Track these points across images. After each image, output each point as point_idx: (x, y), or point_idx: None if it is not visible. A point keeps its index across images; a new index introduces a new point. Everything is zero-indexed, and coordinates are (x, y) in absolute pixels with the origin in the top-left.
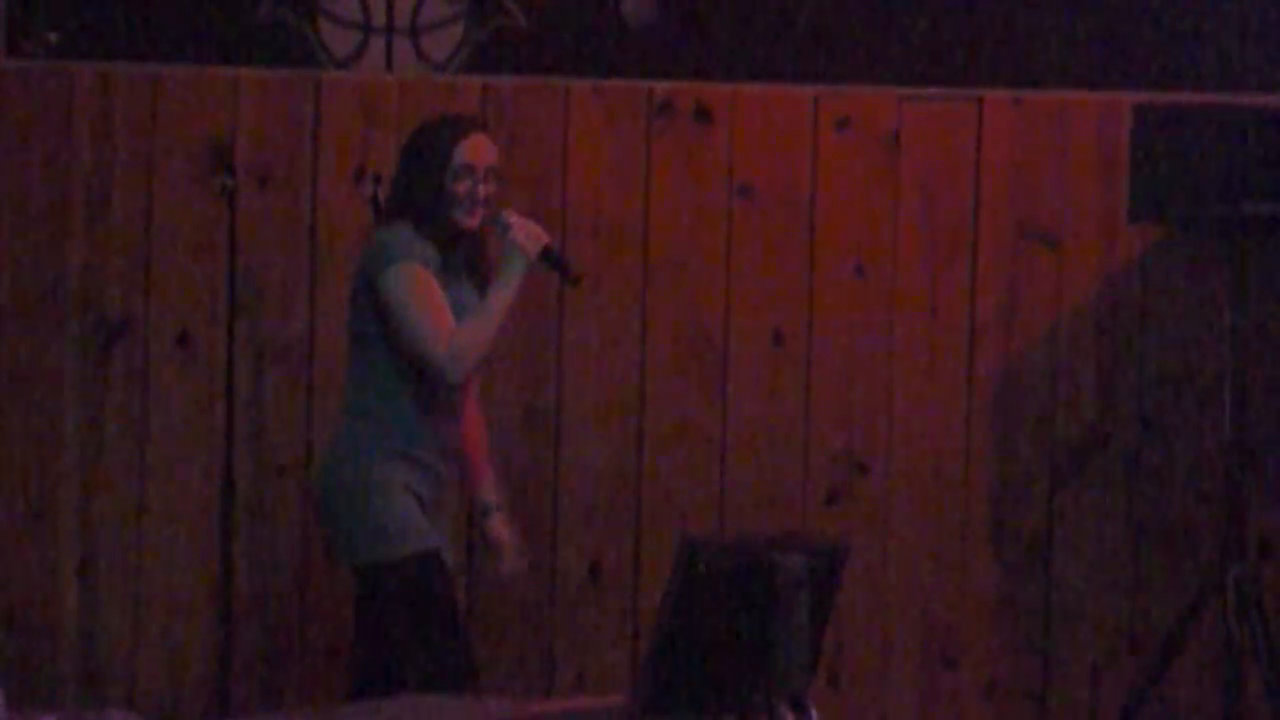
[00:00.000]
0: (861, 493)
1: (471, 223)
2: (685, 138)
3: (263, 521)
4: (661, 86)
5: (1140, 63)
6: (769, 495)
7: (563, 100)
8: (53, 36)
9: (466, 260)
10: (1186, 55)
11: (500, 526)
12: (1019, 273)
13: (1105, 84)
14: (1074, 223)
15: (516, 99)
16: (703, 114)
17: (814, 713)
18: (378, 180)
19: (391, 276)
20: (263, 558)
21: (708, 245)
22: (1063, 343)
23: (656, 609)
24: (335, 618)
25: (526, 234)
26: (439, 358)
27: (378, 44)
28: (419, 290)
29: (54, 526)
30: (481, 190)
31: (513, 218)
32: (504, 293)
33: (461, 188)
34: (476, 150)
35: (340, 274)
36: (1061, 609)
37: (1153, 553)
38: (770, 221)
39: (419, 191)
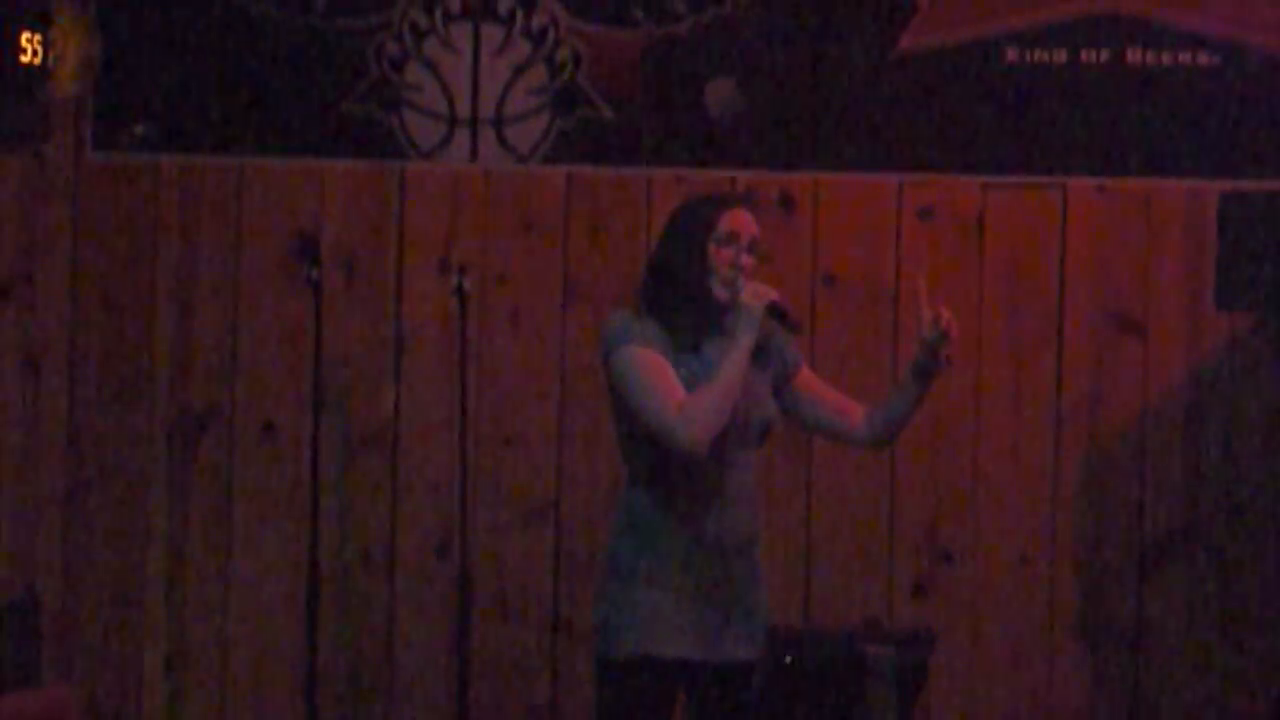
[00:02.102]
0: (947, 582)
1: (725, 294)
2: (768, 226)
3: (349, 611)
4: (745, 176)
5: (1226, 150)
6: (854, 584)
7: (646, 190)
8: (139, 129)
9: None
10: (1272, 142)
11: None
12: (1104, 360)
13: (1191, 171)
14: (1160, 310)
15: (600, 189)
16: (786, 202)
17: None
18: (462, 271)
19: (613, 364)
20: (349, 647)
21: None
22: (1149, 430)
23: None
24: (421, 707)
25: (753, 292)
26: (671, 424)
27: (462, 135)
28: (642, 368)
29: (141, 618)
30: (745, 260)
31: (743, 280)
32: (734, 354)
33: (725, 255)
34: (740, 220)
35: (425, 363)
36: (1150, 700)
37: (1242, 643)
38: (854, 309)
39: (679, 262)
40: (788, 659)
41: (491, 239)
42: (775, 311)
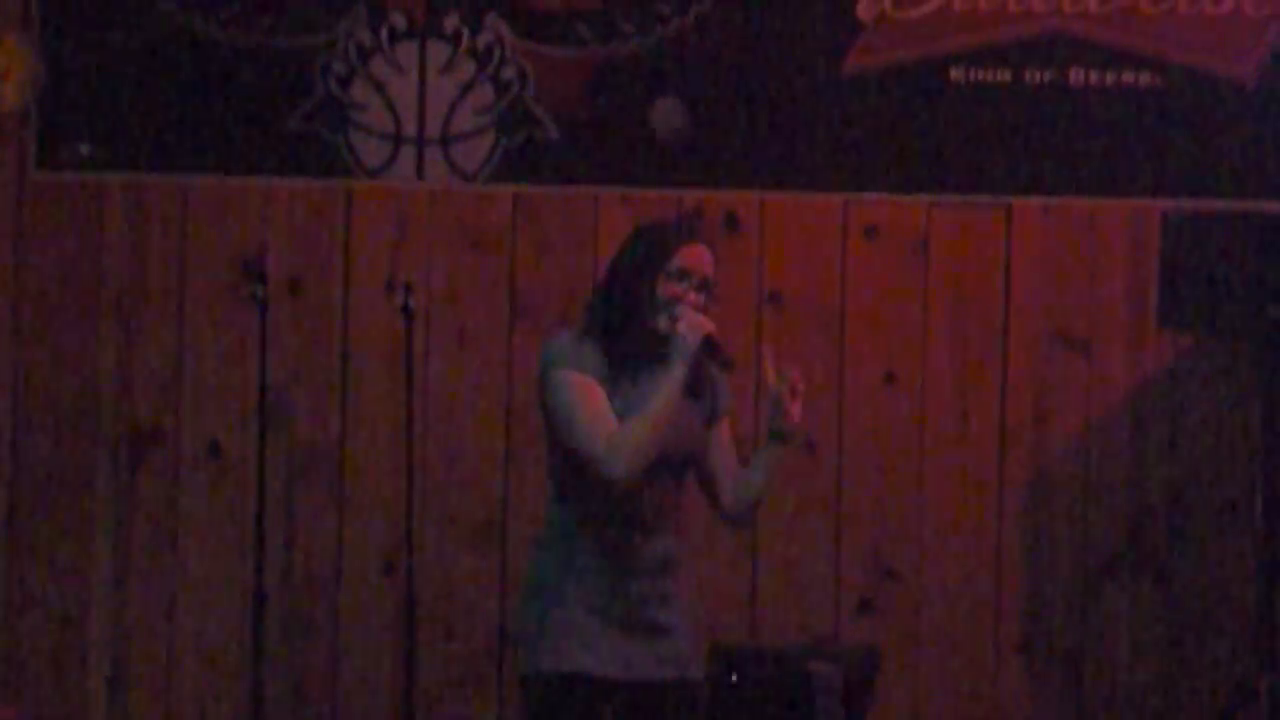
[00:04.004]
0: (893, 599)
1: (664, 325)
2: (714, 246)
3: (294, 630)
4: (691, 195)
5: (1169, 170)
6: (800, 602)
7: (593, 209)
8: (84, 148)
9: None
10: (1215, 162)
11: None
12: (1049, 378)
13: (1134, 191)
14: (1104, 328)
15: (547, 208)
16: (731, 222)
17: None
18: (408, 290)
19: (549, 384)
20: (294, 667)
21: (737, 352)
22: (1093, 448)
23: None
24: None
25: (690, 324)
26: (599, 454)
27: (408, 154)
28: (575, 393)
29: (84, 636)
30: (693, 298)
31: (681, 311)
32: (666, 387)
33: (673, 290)
34: (697, 257)
35: (371, 382)
36: (1094, 717)
37: (1184, 661)
38: (799, 328)
39: (628, 288)
40: (733, 676)
41: (438, 258)
42: (708, 346)
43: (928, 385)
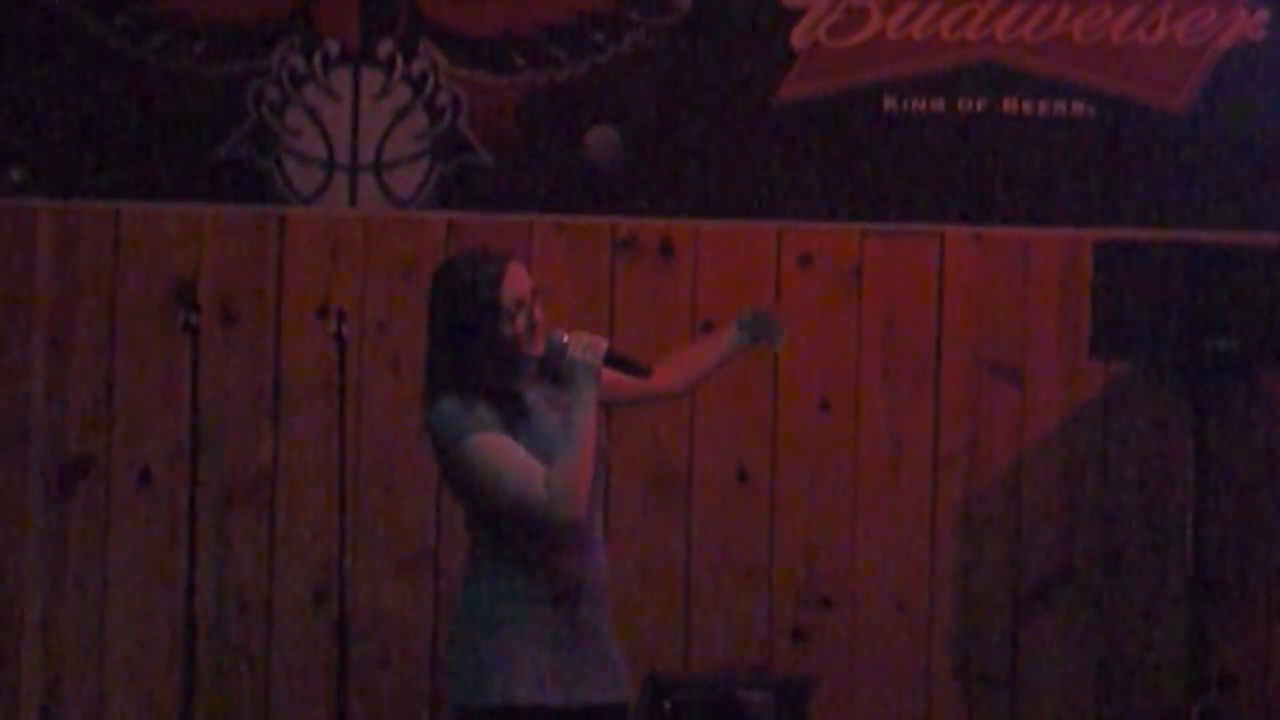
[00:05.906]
0: (825, 627)
1: (537, 349)
2: (648, 273)
3: (226, 659)
4: (625, 223)
5: (1102, 199)
6: (734, 630)
7: (527, 236)
8: (15, 174)
9: (548, 375)
10: (1148, 192)
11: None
12: (981, 407)
13: (1067, 220)
14: (1036, 357)
15: (481, 235)
16: (666, 250)
17: None
18: (342, 317)
19: (460, 454)
20: (226, 697)
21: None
22: (1025, 477)
23: None
24: None
25: (585, 346)
26: (542, 503)
27: (341, 180)
28: (491, 454)
29: (15, 665)
30: (538, 316)
31: (565, 336)
32: (582, 413)
33: (519, 324)
34: (519, 281)
35: (304, 409)
36: None
37: (1116, 687)
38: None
39: (482, 342)
40: (667, 705)
41: (371, 285)
42: (615, 359)
43: (861, 413)
